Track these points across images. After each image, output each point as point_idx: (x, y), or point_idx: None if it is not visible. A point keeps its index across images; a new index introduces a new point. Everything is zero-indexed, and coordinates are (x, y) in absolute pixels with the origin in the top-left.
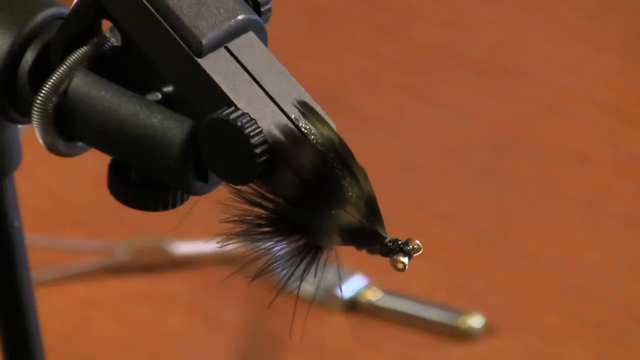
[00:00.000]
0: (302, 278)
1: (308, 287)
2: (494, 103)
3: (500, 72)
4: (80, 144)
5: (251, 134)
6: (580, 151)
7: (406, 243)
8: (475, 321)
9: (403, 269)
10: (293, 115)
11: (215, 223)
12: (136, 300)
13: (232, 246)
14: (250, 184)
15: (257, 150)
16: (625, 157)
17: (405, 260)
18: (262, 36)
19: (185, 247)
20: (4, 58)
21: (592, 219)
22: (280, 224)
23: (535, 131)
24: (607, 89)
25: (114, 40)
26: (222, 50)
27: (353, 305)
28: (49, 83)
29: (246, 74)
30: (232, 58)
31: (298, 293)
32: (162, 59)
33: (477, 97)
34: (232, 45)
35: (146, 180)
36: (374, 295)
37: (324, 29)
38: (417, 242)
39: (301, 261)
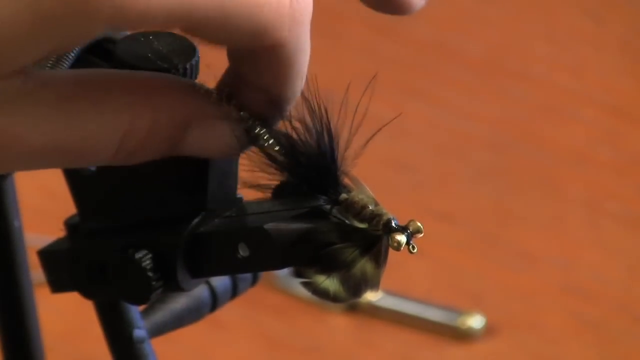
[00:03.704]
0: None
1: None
2: (494, 103)
3: (500, 72)
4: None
5: None
6: (580, 151)
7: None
8: (475, 321)
9: (398, 248)
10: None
11: None
12: None
13: None
14: None
15: None
16: (625, 157)
17: (402, 238)
18: None
19: None
20: None
21: (592, 219)
22: None
23: (535, 131)
24: (607, 89)
25: None
26: None
27: (353, 306)
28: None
29: None
30: None
31: (298, 293)
32: None
33: (477, 97)
34: None
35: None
36: (374, 295)
37: (324, 29)
38: (419, 224)
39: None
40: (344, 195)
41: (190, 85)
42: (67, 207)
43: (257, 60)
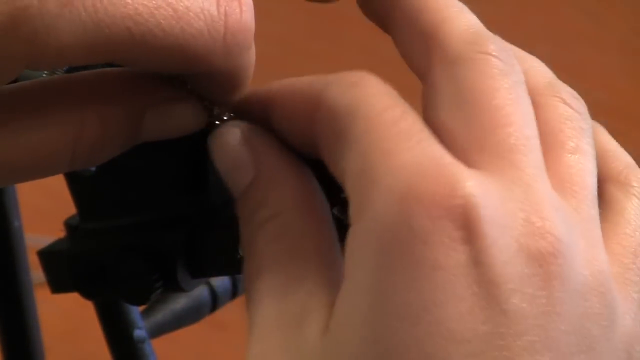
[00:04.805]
0: None
1: None
2: None
3: None
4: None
5: None
6: None
7: None
8: None
9: None
10: None
11: None
12: None
13: None
14: None
15: None
16: None
17: None
18: None
19: None
20: None
21: None
22: None
23: None
24: (607, 89)
25: None
26: None
27: None
28: None
29: None
30: None
31: None
32: None
33: None
34: None
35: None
36: None
37: (324, 29)
38: None
39: None
40: (344, 195)
41: (138, 73)
42: (67, 207)
43: (197, 76)
